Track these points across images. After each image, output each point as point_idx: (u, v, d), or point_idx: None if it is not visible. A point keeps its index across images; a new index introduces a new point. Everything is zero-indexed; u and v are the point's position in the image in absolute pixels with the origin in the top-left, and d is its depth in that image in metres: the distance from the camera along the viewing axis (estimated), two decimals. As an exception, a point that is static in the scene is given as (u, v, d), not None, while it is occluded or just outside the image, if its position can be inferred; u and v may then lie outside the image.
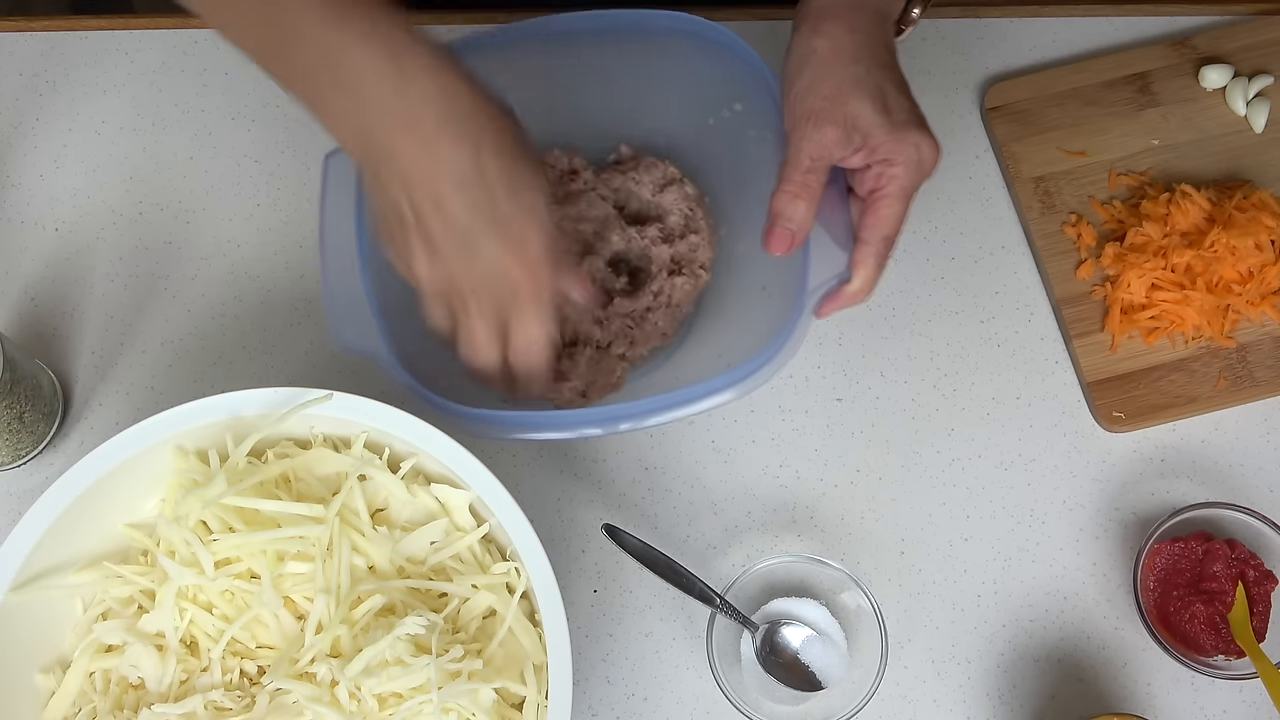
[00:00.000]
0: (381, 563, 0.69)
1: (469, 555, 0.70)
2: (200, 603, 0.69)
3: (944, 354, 0.85)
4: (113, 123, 0.89)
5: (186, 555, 0.68)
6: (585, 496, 0.81)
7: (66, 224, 0.87)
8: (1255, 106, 0.89)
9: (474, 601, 0.68)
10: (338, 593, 0.67)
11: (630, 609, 0.79)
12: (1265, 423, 0.84)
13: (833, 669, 0.76)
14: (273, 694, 0.67)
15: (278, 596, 0.68)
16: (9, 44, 0.91)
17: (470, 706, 0.65)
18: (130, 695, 0.68)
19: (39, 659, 0.69)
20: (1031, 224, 0.87)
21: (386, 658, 0.65)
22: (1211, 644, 0.76)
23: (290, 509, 0.68)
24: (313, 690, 0.65)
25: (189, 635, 0.69)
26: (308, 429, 0.71)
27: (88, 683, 0.69)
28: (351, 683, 0.65)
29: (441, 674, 0.65)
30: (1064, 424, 0.84)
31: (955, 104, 0.91)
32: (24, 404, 0.76)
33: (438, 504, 0.70)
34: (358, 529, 0.69)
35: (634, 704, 0.78)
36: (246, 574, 0.69)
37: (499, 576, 0.69)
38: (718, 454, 0.83)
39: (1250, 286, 0.83)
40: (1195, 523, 0.78)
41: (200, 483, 0.68)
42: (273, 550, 0.68)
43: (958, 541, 0.81)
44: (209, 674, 0.68)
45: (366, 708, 0.66)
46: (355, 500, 0.69)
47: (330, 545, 0.68)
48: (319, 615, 0.67)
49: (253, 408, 0.68)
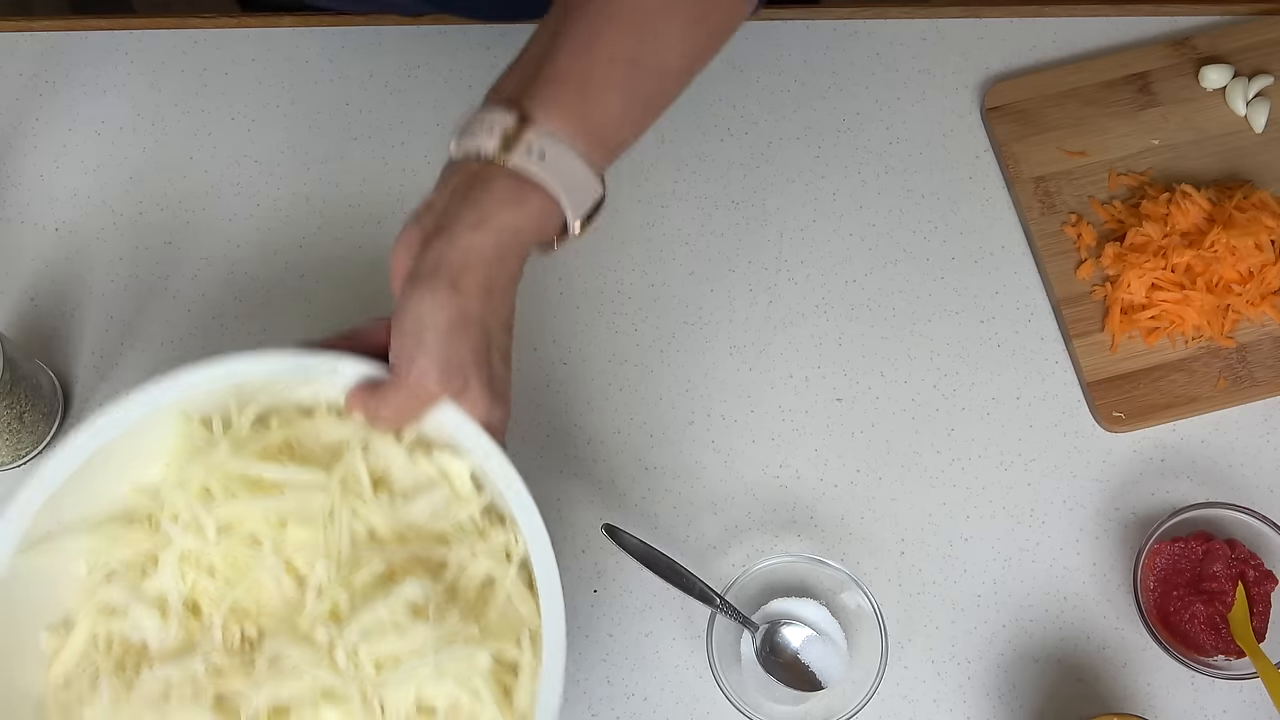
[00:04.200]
0: (382, 529, 0.69)
1: (469, 523, 0.70)
2: (202, 566, 0.69)
3: (944, 354, 0.85)
4: (113, 123, 0.89)
5: (189, 520, 0.69)
6: (585, 496, 0.81)
7: (66, 224, 0.87)
8: (1255, 106, 0.89)
9: (473, 569, 0.69)
10: (338, 558, 0.68)
11: (630, 609, 0.79)
12: (1265, 423, 0.84)
13: (833, 669, 0.76)
14: (272, 657, 0.67)
15: (279, 561, 0.68)
16: (9, 44, 0.91)
17: (467, 671, 0.66)
18: (133, 656, 0.69)
19: (44, 619, 0.70)
20: (1031, 224, 0.87)
21: (384, 621, 0.66)
22: (1211, 644, 0.76)
23: (293, 475, 0.69)
24: (311, 654, 0.66)
25: (191, 598, 0.70)
26: (311, 396, 0.71)
27: (91, 644, 0.70)
28: (349, 645, 0.65)
29: (438, 638, 0.65)
30: (1064, 424, 0.84)
31: (955, 104, 0.91)
32: (24, 404, 0.76)
33: (439, 472, 0.71)
34: (359, 495, 0.69)
35: (634, 704, 0.78)
36: (249, 539, 0.69)
37: (498, 544, 0.69)
38: (718, 454, 0.83)
39: (1250, 286, 0.83)
40: (1195, 523, 0.78)
41: (204, 448, 0.69)
42: (275, 515, 0.69)
43: (958, 541, 0.81)
44: (210, 636, 0.69)
45: (364, 671, 0.66)
46: (357, 467, 0.69)
47: (332, 511, 0.69)
48: (319, 580, 0.68)
49: (258, 373, 0.69)
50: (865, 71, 0.92)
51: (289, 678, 0.66)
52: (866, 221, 0.88)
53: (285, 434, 0.70)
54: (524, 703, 0.66)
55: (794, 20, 0.93)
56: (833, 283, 0.87)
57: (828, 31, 0.93)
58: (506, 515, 0.69)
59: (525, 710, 0.66)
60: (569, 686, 0.77)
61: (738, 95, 0.91)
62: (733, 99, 0.91)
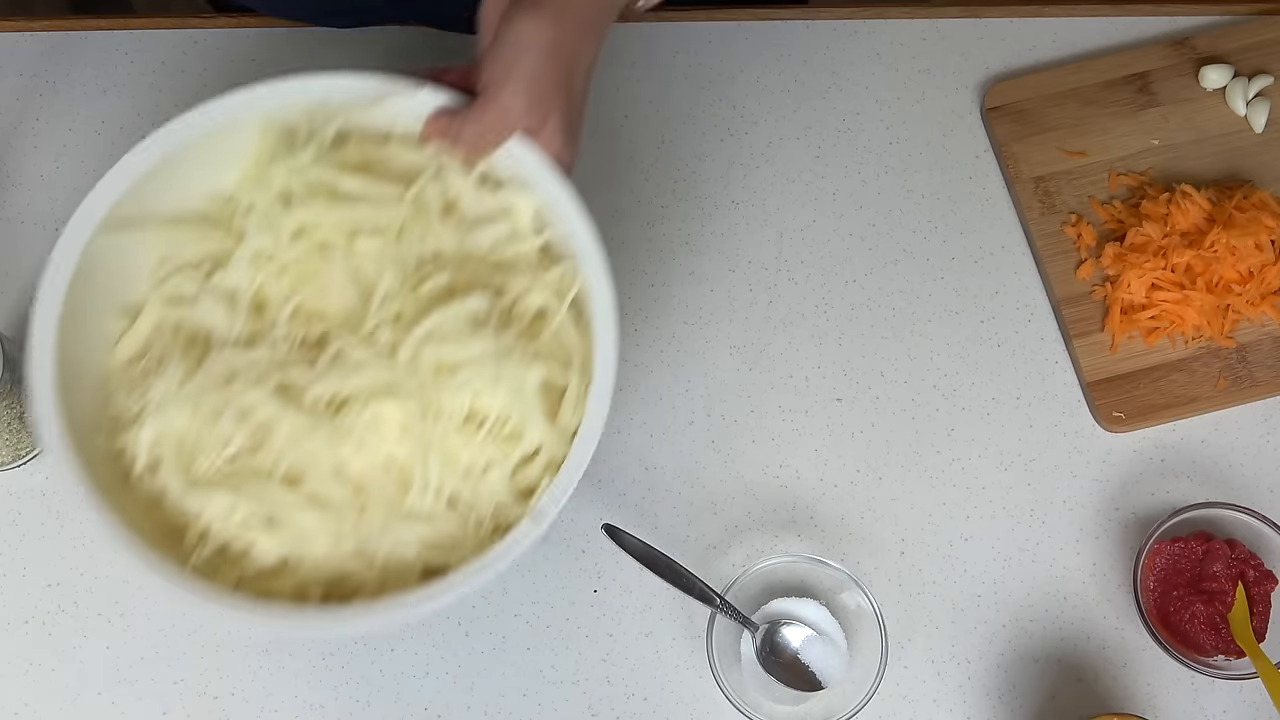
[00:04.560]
0: (448, 251, 0.72)
1: (528, 257, 0.73)
2: (273, 267, 0.72)
3: (944, 354, 0.85)
4: (113, 123, 0.89)
5: (266, 219, 0.72)
6: (585, 496, 0.81)
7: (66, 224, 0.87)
8: (1255, 106, 0.89)
9: (529, 299, 0.71)
10: (405, 269, 0.71)
11: (630, 609, 0.79)
12: (1265, 423, 0.84)
13: (833, 669, 0.76)
14: (334, 355, 0.70)
15: (348, 268, 0.71)
16: (9, 44, 0.91)
17: (520, 384, 0.68)
18: (199, 344, 0.72)
19: (113, 304, 0.72)
20: (1031, 224, 0.87)
21: (446, 329, 0.69)
22: (1211, 644, 0.76)
23: (369, 187, 0.72)
24: (374, 353, 0.69)
25: (258, 298, 0.72)
26: (389, 125, 0.73)
27: (158, 329, 0.73)
28: (412, 347, 0.68)
29: (497, 350, 0.68)
30: (1064, 424, 0.84)
31: (955, 104, 0.91)
32: (24, 404, 0.76)
33: (504, 206, 0.73)
34: (429, 217, 0.72)
35: (634, 704, 0.78)
36: (320, 245, 0.72)
37: (554, 279, 0.71)
38: (718, 454, 0.83)
39: (1250, 286, 0.83)
40: (1195, 523, 0.78)
41: (286, 153, 0.72)
42: (348, 224, 0.72)
43: (958, 541, 0.81)
44: (275, 333, 0.71)
45: (424, 372, 0.69)
46: (429, 191, 0.72)
47: (403, 227, 0.72)
48: (386, 287, 0.70)
49: (340, 91, 0.71)
50: (865, 71, 0.92)
51: (352, 372, 0.69)
52: (866, 221, 0.88)
53: (362, 154, 0.73)
54: (568, 423, 0.69)
55: (794, 20, 0.93)
56: (833, 283, 0.87)
57: (828, 31, 0.93)
58: (565, 256, 0.71)
59: (568, 430, 0.68)
60: (569, 687, 0.78)
61: (738, 95, 0.91)
62: (733, 99, 0.91)
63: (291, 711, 0.77)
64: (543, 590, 0.80)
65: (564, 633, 0.79)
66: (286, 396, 0.68)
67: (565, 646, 0.79)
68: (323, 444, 0.68)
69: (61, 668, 0.77)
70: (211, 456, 0.68)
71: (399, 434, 0.68)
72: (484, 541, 0.67)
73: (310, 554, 0.68)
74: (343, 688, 0.77)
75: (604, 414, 0.66)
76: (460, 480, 0.69)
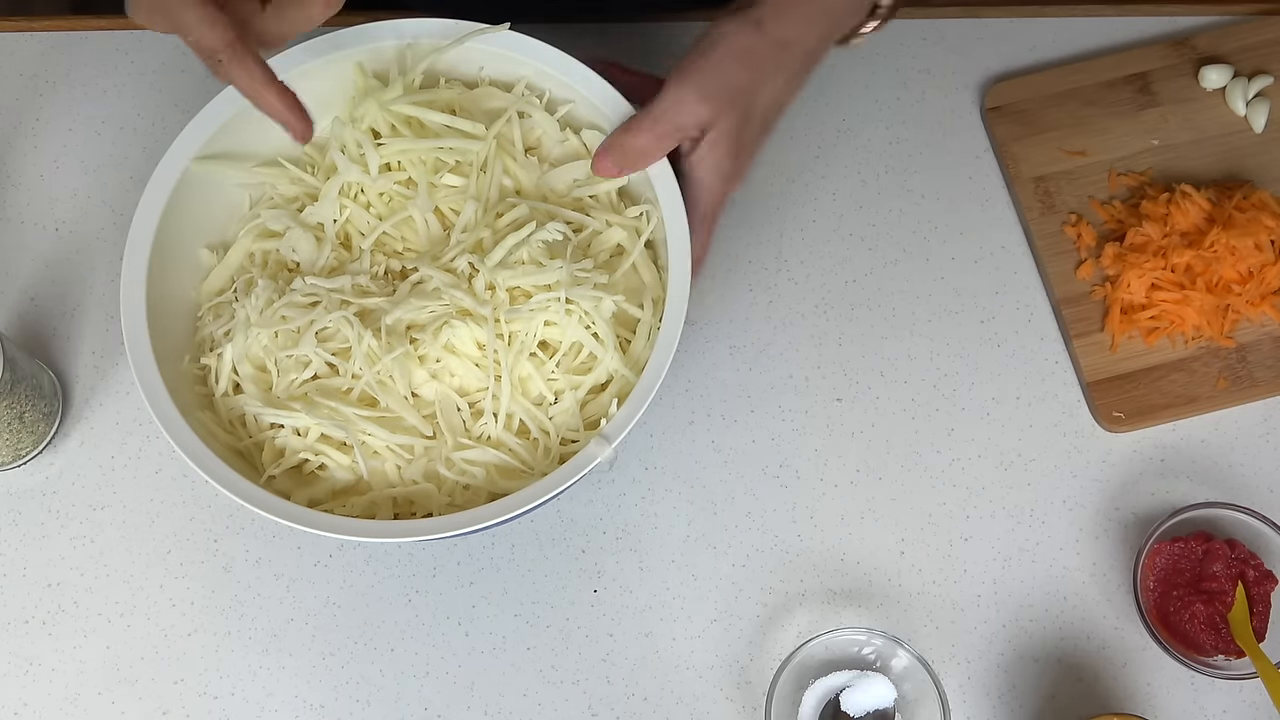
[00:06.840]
0: (528, 187, 0.75)
1: (606, 198, 0.75)
2: (360, 202, 0.76)
3: (944, 354, 0.85)
4: (113, 123, 0.89)
5: (355, 153, 0.75)
6: (585, 496, 0.81)
7: (66, 224, 0.87)
8: (1255, 106, 0.89)
9: (605, 236, 0.74)
10: (485, 202, 0.74)
11: (630, 609, 0.79)
12: (1265, 423, 0.84)
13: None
14: (414, 284, 0.73)
15: (430, 203, 0.75)
16: (9, 44, 0.91)
17: (592, 312, 0.70)
18: (286, 274, 0.75)
19: (205, 237, 0.76)
20: (1031, 224, 0.87)
21: (523, 257, 0.71)
22: (1211, 644, 0.76)
23: (455, 123, 0.75)
24: (452, 278, 0.71)
25: (344, 232, 0.76)
26: (476, 70, 0.77)
27: (248, 260, 0.76)
28: (488, 274, 0.70)
29: (570, 277, 0.70)
30: (1064, 424, 0.84)
31: (955, 104, 0.91)
32: (24, 404, 0.76)
33: (586, 148, 0.76)
34: (511, 154, 0.76)
35: (634, 704, 0.78)
36: (406, 182, 0.76)
37: (631, 220, 0.74)
38: (718, 454, 0.83)
39: (1250, 286, 0.83)
40: (1195, 523, 0.78)
41: (377, 90, 0.75)
42: (433, 159, 0.75)
43: (958, 541, 0.81)
44: (358, 263, 0.74)
45: (498, 298, 0.71)
46: (512, 130, 0.76)
47: (486, 162, 0.75)
48: (467, 219, 0.74)
49: (429, 36, 0.75)
50: (865, 71, 0.92)
51: (429, 297, 0.71)
52: (866, 221, 0.88)
53: (452, 94, 0.76)
54: (639, 355, 0.71)
55: (794, 20, 0.93)
56: (833, 283, 0.87)
57: (828, 31, 0.93)
58: (641, 197, 0.74)
59: (639, 363, 0.70)
60: (569, 687, 0.78)
61: (738, 95, 0.91)
62: (733, 99, 0.91)
63: (291, 711, 0.77)
64: (543, 590, 0.80)
65: (564, 633, 0.79)
66: (365, 321, 0.71)
67: (565, 646, 0.79)
68: (398, 367, 0.70)
69: (61, 668, 0.77)
70: (290, 377, 0.71)
71: (472, 359, 0.71)
72: (550, 470, 0.68)
73: (381, 475, 0.71)
74: (343, 688, 0.77)
75: (673, 345, 0.68)
76: (530, 408, 0.71)
